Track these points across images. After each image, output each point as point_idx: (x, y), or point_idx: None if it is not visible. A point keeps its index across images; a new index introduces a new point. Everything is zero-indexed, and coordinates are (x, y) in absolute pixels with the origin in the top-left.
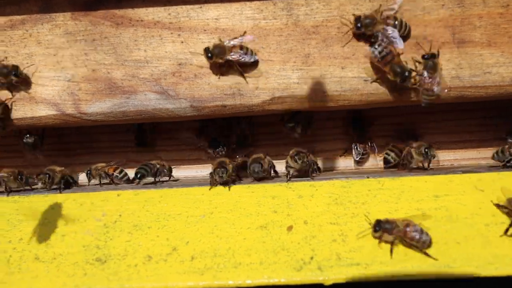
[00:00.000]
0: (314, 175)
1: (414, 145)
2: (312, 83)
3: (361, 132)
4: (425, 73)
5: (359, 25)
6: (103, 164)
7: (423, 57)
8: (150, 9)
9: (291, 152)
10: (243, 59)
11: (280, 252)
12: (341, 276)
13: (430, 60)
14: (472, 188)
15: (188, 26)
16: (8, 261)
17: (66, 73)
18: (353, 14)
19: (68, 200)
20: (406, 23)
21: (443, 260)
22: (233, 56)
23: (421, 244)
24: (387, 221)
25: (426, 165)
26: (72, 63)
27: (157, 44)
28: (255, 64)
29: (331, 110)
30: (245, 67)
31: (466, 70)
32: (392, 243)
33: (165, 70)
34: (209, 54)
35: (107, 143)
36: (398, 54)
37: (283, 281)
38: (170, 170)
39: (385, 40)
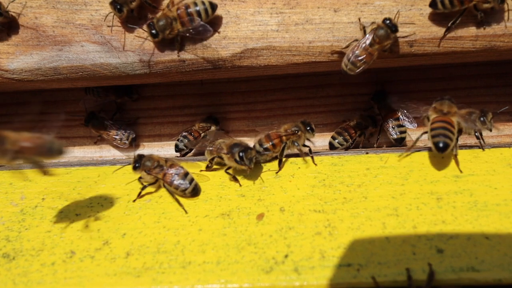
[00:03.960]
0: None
1: (463, 111)
2: (296, 30)
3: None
4: None
5: (154, 31)
6: None
7: None
8: None
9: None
10: None
11: (245, 248)
12: (324, 280)
13: None
14: (504, 166)
15: None
16: None
17: None
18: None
19: None
20: (209, 4)
21: (466, 261)
22: None
23: (181, 192)
24: (150, 158)
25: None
26: None
27: None
28: None
29: (321, 69)
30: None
31: (497, 12)
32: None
33: (108, 14)
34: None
35: None
36: None
37: (245, 286)
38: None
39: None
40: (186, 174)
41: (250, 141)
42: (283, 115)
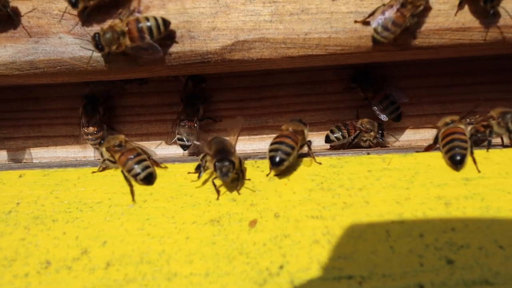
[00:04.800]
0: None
1: (493, 113)
2: (291, 21)
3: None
4: None
5: (99, 45)
6: None
7: None
8: None
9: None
10: None
11: (236, 258)
12: None
13: None
14: None
15: None
16: None
17: None
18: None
19: None
20: (161, 21)
21: (478, 273)
22: None
23: (134, 176)
24: (115, 137)
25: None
26: None
27: None
28: None
29: (318, 63)
30: None
31: (508, 2)
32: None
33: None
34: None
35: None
36: None
37: None
38: None
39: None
40: (141, 160)
41: (245, 141)
42: (278, 113)
